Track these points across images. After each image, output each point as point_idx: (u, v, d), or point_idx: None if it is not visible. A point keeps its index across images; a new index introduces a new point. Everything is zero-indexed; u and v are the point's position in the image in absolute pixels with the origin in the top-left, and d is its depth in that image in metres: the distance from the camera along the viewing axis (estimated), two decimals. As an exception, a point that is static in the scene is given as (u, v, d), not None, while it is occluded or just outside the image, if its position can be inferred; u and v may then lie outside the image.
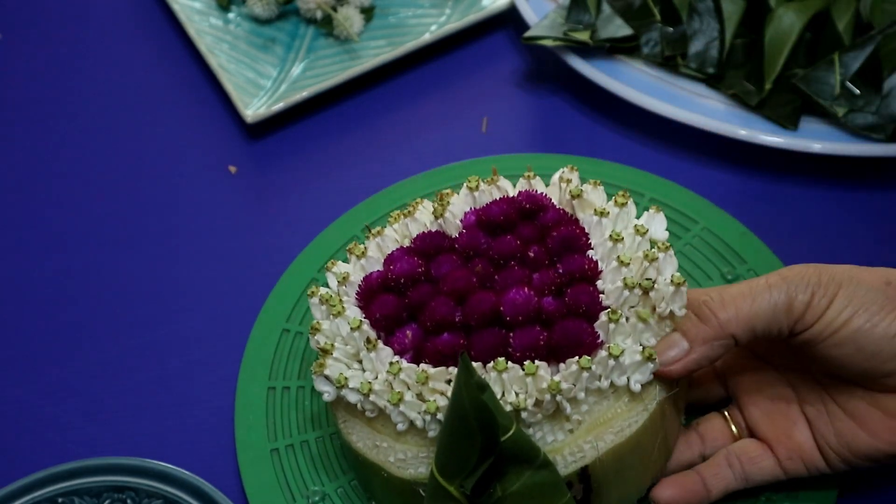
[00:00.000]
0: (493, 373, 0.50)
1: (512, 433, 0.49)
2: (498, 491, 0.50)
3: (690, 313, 0.52)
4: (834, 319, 0.50)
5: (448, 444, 0.50)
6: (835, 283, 0.50)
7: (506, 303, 0.52)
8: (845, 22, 0.75)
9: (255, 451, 0.61)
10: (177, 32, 0.89)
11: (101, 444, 0.65)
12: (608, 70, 0.78)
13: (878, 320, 0.49)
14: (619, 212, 0.56)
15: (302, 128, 0.82)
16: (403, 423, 0.52)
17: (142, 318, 0.71)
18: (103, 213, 0.77)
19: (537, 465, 0.50)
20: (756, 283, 0.51)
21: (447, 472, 0.50)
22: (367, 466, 0.54)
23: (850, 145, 0.72)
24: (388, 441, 0.53)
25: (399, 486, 0.53)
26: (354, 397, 0.53)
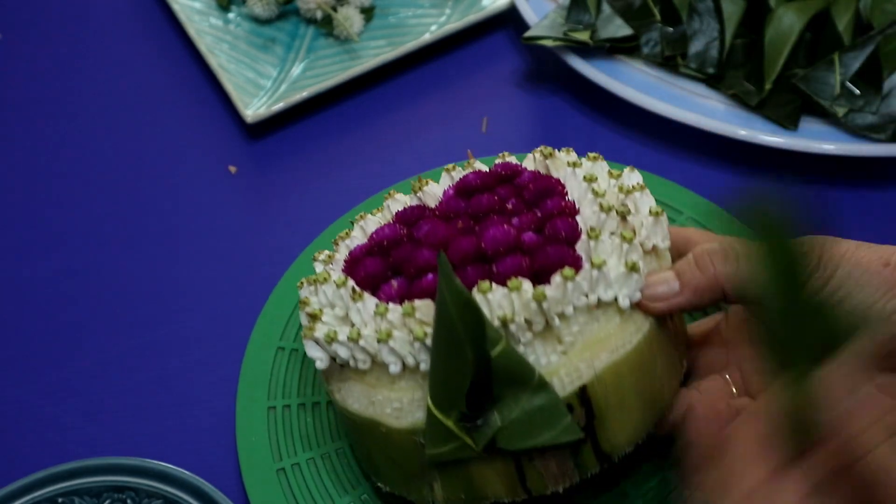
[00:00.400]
0: (478, 296, 0.50)
1: (502, 347, 0.49)
2: (497, 420, 0.50)
3: (690, 258, 0.53)
4: (831, 297, 0.50)
5: (439, 364, 0.49)
6: (833, 263, 0.50)
7: (486, 239, 0.53)
8: (845, 22, 0.75)
9: (262, 473, 0.60)
10: (177, 32, 0.89)
11: (101, 444, 0.65)
12: (608, 70, 0.78)
13: (874, 301, 0.50)
14: (593, 165, 0.57)
15: (302, 128, 0.82)
16: (396, 362, 0.51)
17: (142, 318, 0.71)
18: (103, 212, 0.77)
19: (534, 388, 0.49)
20: None
21: (443, 401, 0.49)
22: (364, 430, 0.54)
23: (850, 145, 0.72)
24: (382, 393, 0.52)
25: (399, 445, 0.52)
26: (344, 351, 0.53)
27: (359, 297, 0.53)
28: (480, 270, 0.52)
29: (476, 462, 0.51)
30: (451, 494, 0.53)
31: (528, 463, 0.51)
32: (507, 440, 0.50)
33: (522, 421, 0.50)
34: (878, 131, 0.72)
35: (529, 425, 0.50)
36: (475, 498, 0.52)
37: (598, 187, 0.54)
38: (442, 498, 0.53)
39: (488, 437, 0.50)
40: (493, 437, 0.50)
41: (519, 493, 0.52)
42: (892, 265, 0.50)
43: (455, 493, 0.52)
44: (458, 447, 0.50)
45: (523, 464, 0.51)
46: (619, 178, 0.56)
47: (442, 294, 0.48)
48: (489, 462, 0.51)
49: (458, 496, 0.52)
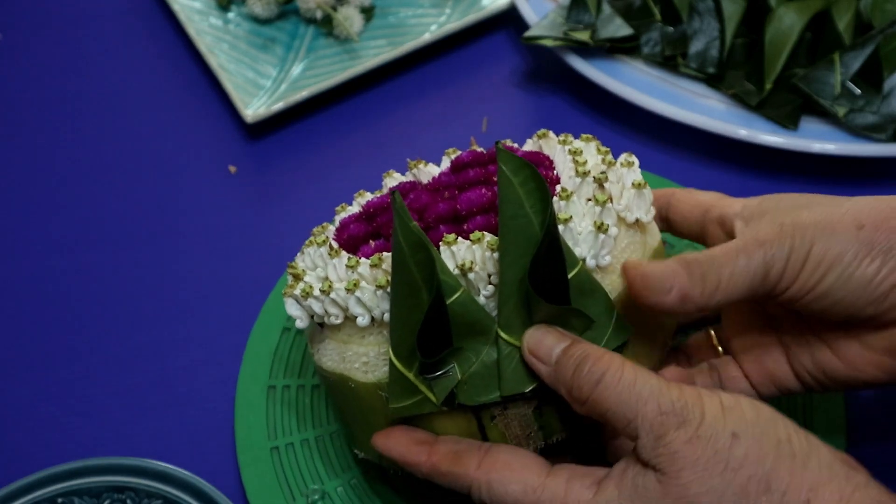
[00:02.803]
0: (443, 248, 0.50)
1: (459, 294, 0.49)
2: (457, 373, 0.49)
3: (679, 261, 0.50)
4: (808, 279, 0.49)
5: (397, 311, 0.49)
6: (808, 241, 0.49)
7: (461, 200, 0.53)
8: (845, 22, 0.75)
9: (255, 449, 0.61)
10: (177, 32, 0.89)
11: (101, 444, 0.65)
12: (608, 70, 0.78)
13: (853, 269, 0.49)
14: (585, 145, 0.57)
15: (302, 128, 0.82)
16: (363, 315, 0.52)
17: (142, 318, 0.71)
18: (103, 212, 0.77)
19: (493, 340, 0.49)
20: (732, 247, 0.50)
21: (404, 352, 0.49)
22: (337, 388, 0.54)
23: (850, 145, 0.72)
24: (353, 349, 0.53)
25: (367, 401, 0.52)
26: (318, 305, 0.53)
27: (335, 253, 0.53)
28: (453, 229, 0.52)
29: (438, 419, 0.51)
30: None
31: (490, 422, 0.51)
32: (466, 395, 0.49)
33: (482, 374, 0.49)
34: (878, 131, 0.72)
35: (488, 379, 0.49)
36: None
37: (581, 158, 0.54)
38: None
39: (447, 390, 0.49)
40: (452, 391, 0.49)
41: None
42: (867, 227, 0.49)
43: None
44: (419, 401, 0.50)
45: (485, 423, 0.51)
46: (608, 153, 0.55)
47: (396, 236, 0.48)
48: (451, 419, 0.51)
49: None
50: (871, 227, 0.49)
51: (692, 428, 0.44)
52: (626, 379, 0.46)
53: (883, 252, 0.49)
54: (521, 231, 0.48)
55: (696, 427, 0.44)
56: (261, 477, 0.60)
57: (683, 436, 0.44)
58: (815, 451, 0.45)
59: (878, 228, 0.49)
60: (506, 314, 0.49)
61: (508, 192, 0.49)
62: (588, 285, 0.50)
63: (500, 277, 0.49)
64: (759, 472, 0.44)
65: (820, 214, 0.50)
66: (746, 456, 0.44)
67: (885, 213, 0.49)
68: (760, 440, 0.44)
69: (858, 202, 0.51)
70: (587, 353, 0.47)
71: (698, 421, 0.44)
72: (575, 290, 0.49)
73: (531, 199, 0.48)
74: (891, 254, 0.49)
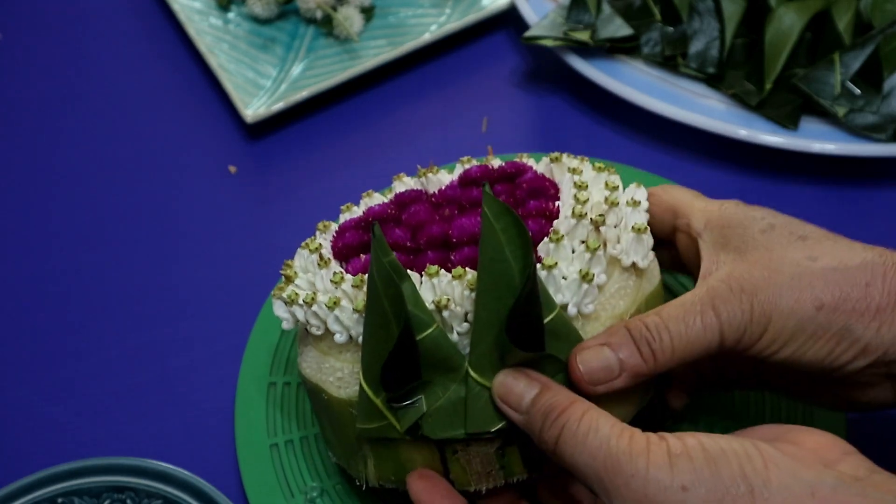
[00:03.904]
0: (425, 280, 0.50)
1: (432, 331, 0.49)
2: (423, 405, 0.49)
3: (629, 337, 0.49)
4: (764, 349, 0.49)
5: (369, 339, 0.49)
6: (765, 317, 0.49)
7: (454, 227, 0.53)
8: (845, 22, 0.75)
9: (255, 446, 0.61)
10: (177, 32, 0.89)
11: (101, 444, 0.65)
12: (608, 70, 0.78)
13: (807, 349, 0.49)
14: (596, 175, 0.56)
15: (302, 128, 0.82)
16: (341, 332, 0.52)
17: (141, 318, 0.71)
18: (103, 212, 0.77)
19: (461, 378, 0.49)
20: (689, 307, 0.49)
21: (372, 379, 0.49)
22: (313, 395, 0.55)
23: (850, 145, 0.72)
24: (330, 361, 0.53)
25: (339, 415, 0.53)
26: (301, 314, 0.53)
27: (325, 264, 0.53)
28: (441, 256, 0.52)
29: (403, 444, 0.51)
30: (382, 474, 0.52)
31: (452, 456, 0.51)
32: (430, 428, 0.50)
33: (447, 410, 0.49)
34: (878, 131, 0.72)
35: (454, 415, 0.49)
36: (403, 482, 0.52)
37: (582, 195, 0.53)
38: (374, 476, 0.53)
39: (412, 421, 0.49)
40: (417, 423, 0.50)
41: None
42: (825, 307, 0.49)
43: (385, 474, 0.52)
44: (385, 426, 0.50)
45: (447, 456, 0.51)
46: (616, 191, 0.55)
47: (371, 268, 0.48)
48: (415, 446, 0.51)
49: (388, 477, 0.52)
50: (829, 307, 0.49)
51: (638, 484, 0.43)
52: (581, 432, 0.45)
53: (838, 334, 0.49)
54: (500, 275, 0.48)
55: (643, 484, 0.43)
56: (260, 474, 0.60)
57: (632, 495, 0.43)
58: (774, 471, 0.43)
59: (837, 309, 0.48)
60: (477, 354, 0.49)
61: (490, 235, 0.48)
62: (563, 329, 0.49)
63: (475, 317, 0.49)
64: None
65: (783, 280, 0.49)
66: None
67: (845, 292, 0.49)
68: (710, 485, 0.42)
69: (822, 266, 0.49)
70: (553, 404, 0.47)
71: (643, 476, 0.43)
72: (550, 335, 0.49)
73: (512, 246, 0.48)
74: (846, 335, 0.49)
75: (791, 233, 0.51)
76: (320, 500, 0.59)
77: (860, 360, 0.49)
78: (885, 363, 0.49)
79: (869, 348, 0.49)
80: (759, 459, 0.43)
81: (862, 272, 0.49)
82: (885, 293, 0.48)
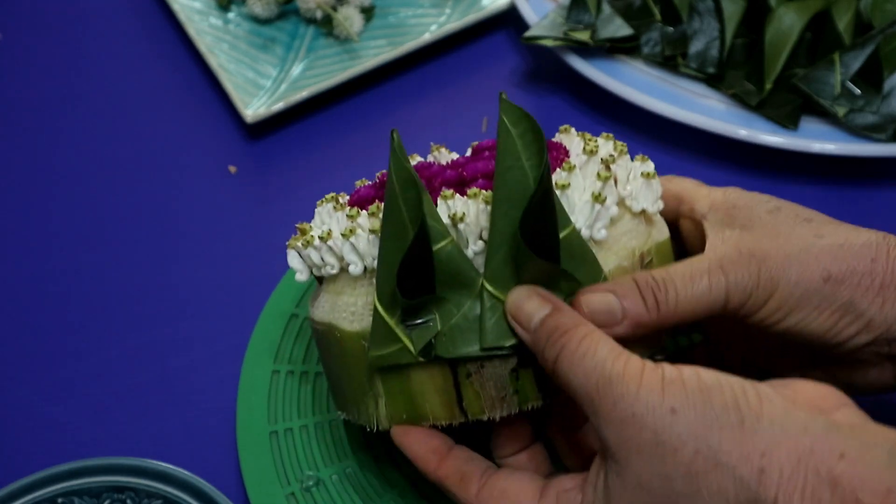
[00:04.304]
0: (440, 203, 0.50)
1: (447, 243, 0.49)
2: (437, 323, 0.49)
3: (635, 287, 0.50)
4: (768, 316, 0.50)
5: (385, 254, 0.49)
6: (772, 283, 0.49)
7: (468, 168, 0.54)
8: (845, 22, 0.75)
9: (254, 432, 0.62)
10: (177, 32, 0.89)
11: (101, 444, 0.65)
12: (608, 70, 0.78)
13: (811, 320, 0.49)
14: (604, 142, 0.56)
15: (302, 128, 0.82)
16: (356, 263, 0.52)
17: (142, 318, 0.71)
18: (103, 212, 0.77)
19: (476, 295, 0.49)
20: (698, 267, 0.50)
21: (388, 298, 0.49)
22: (324, 340, 0.54)
23: (850, 145, 0.72)
24: (344, 298, 0.53)
25: (351, 351, 0.52)
26: (316, 255, 0.54)
27: (341, 207, 0.54)
28: (456, 191, 0.52)
29: (416, 372, 0.50)
30: (394, 412, 0.52)
31: (466, 380, 0.50)
32: (444, 347, 0.49)
33: (462, 328, 0.49)
34: (878, 131, 0.72)
35: (468, 333, 0.49)
36: (416, 417, 0.51)
37: (592, 144, 0.53)
38: (386, 416, 0.52)
39: (425, 340, 0.49)
40: (430, 342, 0.49)
41: (456, 414, 0.51)
42: (833, 279, 0.49)
43: (397, 411, 0.52)
44: (398, 350, 0.50)
45: (460, 380, 0.50)
46: (624, 150, 0.55)
47: (390, 174, 0.49)
48: (428, 372, 0.50)
49: (399, 415, 0.52)
50: (836, 279, 0.49)
51: (627, 404, 0.43)
52: (579, 352, 0.45)
53: (842, 308, 0.49)
54: (516, 183, 0.48)
55: (632, 403, 0.43)
56: (257, 460, 0.61)
57: (619, 414, 0.43)
58: (768, 407, 0.42)
59: (843, 282, 0.49)
60: (493, 266, 0.49)
61: (507, 142, 0.49)
62: (579, 249, 0.49)
63: (491, 228, 0.49)
64: (704, 447, 0.41)
65: (792, 250, 0.50)
66: (688, 431, 0.42)
67: (851, 266, 0.49)
68: (701, 411, 0.42)
69: (830, 243, 0.50)
70: (558, 324, 0.47)
71: (633, 396, 0.43)
72: (565, 252, 0.49)
73: (528, 152, 0.48)
74: (850, 309, 0.49)
75: (797, 215, 0.52)
76: (315, 489, 0.59)
77: (862, 335, 0.49)
78: (886, 341, 0.50)
79: (872, 324, 0.49)
80: (753, 395, 0.42)
81: (867, 249, 0.50)
82: (890, 271, 0.49)
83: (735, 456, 0.41)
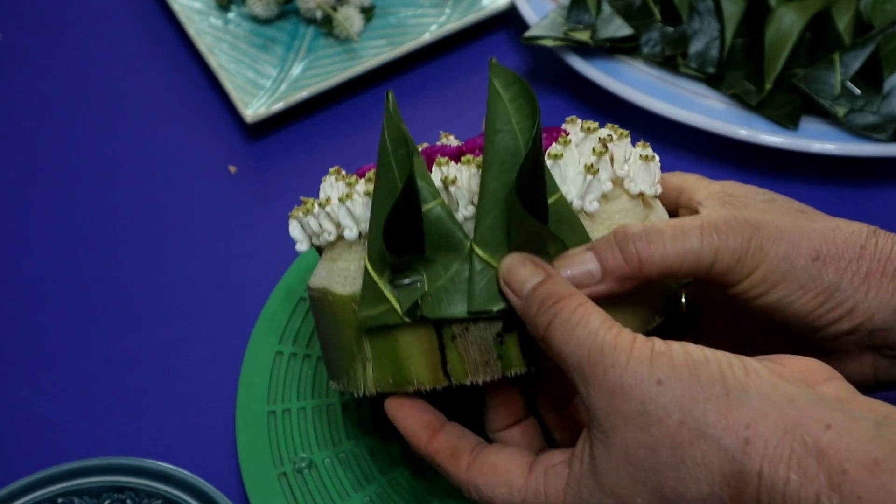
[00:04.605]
0: (435, 169, 0.51)
1: (437, 204, 0.49)
2: (424, 284, 0.50)
3: (612, 239, 0.49)
4: (753, 287, 0.49)
5: (376, 212, 0.50)
6: (761, 253, 0.49)
7: (468, 143, 0.55)
8: (845, 22, 0.75)
9: (253, 411, 0.63)
10: (177, 32, 0.89)
11: (101, 444, 0.65)
12: (608, 70, 0.78)
13: (795, 298, 0.49)
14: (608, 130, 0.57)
15: (302, 128, 0.82)
16: (352, 227, 0.53)
17: (142, 318, 0.71)
18: (103, 212, 0.77)
19: (463, 258, 0.50)
20: (689, 225, 0.49)
21: (375, 253, 0.50)
22: (317, 306, 0.55)
23: (850, 145, 0.72)
24: (339, 263, 0.54)
25: (342, 315, 0.53)
26: (314, 223, 0.54)
27: (342, 178, 0.55)
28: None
29: (402, 334, 0.51)
30: (381, 377, 0.52)
31: (451, 342, 0.50)
32: (430, 308, 0.50)
33: (448, 290, 0.49)
34: (878, 131, 0.72)
35: (454, 294, 0.50)
36: (401, 381, 0.52)
37: (593, 125, 0.54)
38: (373, 381, 0.52)
39: (412, 300, 0.50)
40: (417, 302, 0.50)
41: (440, 378, 0.51)
42: (822, 259, 0.49)
43: (384, 375, 0.52)
44: (386, 311, 0.50)
45: (445, 342, 0.50)
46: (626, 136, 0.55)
47: (383, 133, 0.49)
48: (414, 334, 0.50)
49: (386, 380, 0.52)
50: (824, 260, 0.49)
51: (616, 374, 0.43)
52: (572, 321, 0.45)
53: (827, 290, 0.49)
54: (506, 146, 0.49)
55: (620, 374, 0.43)
56: (253, 438, 0.61)
57: (608, 384, 0.43)
58: (755, 379, 0.42)
59: (831, 265, 0.49)
60: (483, 229, 0.49)
61: (497, 106, 0.49)
62: (567, 216, 0.50)
63: (481, 191, 0.49)
64: (689, 418, 0.42)
65: (784, 226, 0.50)
66: (674, 402, 0.42)
67: (840, 249, 0.49)
68: (687, 383, 0.42)
69: (822, 226, 0.50)
70: (551, 292, 0.47)
71: (622, 367, 0.43)
72: (553, 219, 0.49)
73: (519, 115, 0.49)
74: (835, 293, 0.49)
75: (791, 206, 0.53)
76: (307, 471, 0.60)
77: (844, 322, 0.49)
78: (868, 331, 0.50)
79: (855, 311, 0.49)
80: (740, 367, 0.43)
81: (857, 236, 0.50)
82: (877, 259, 0.49)
83: (720, 427, 0.41)
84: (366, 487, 0.60)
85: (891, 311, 0.49)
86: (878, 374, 0.51)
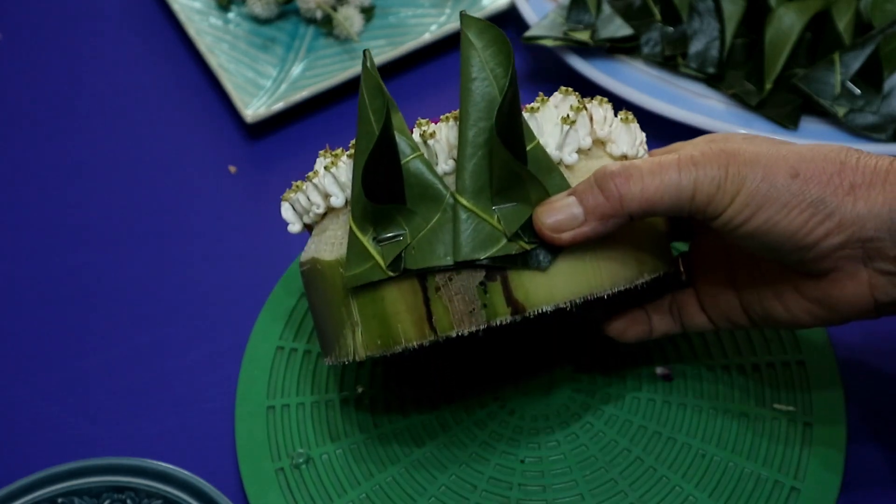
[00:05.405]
0: (416, 130, 0.52)
1: (415, 156, 0.50)
2: (407, 237, 0.51)
3: (591, 181, 0.50)
4: (736, 214, 0.50)
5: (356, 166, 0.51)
6: (740, 178, 0.49)
7: None
8: (845, 22, 0.75)
9: (252, 405, 0.63)
10: (177, 32, 0.89)
11: (101, 444, 0.65)
12: (608, 70, 0.78)
13: (780, 218, 0.49)
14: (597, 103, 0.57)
15: (302, 128, 0.82)
16: (338, 195, 0.54)
17: (142, 318, 0.71)
18: (103, 212, 0.77)
19: (444, 209, 0.50)
20: (667, 160, 0.50)
21: (358, 210, 0.51)
22: (308, 278, 0.56)
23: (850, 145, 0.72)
24: (328, 233, 0.54)
25: (330, 281, 0.54)
26: (304, 199, 0.55)
27: (332, 155, 0.56)
28: None
29: (388, 291, 0.51)
30: (369, 338, 0.53)
31: (435, 294, 0.51)
32: (413, 259, 0.50)
33: (430, 241, 0.50)
34: (878, 131, 0.72)
35: (437, 245, 0.50)
36: (389, 340, 0.52)
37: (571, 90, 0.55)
38: (362, 344, 0.53)
39: (395, 253, 0.51)
40: (400, 255, 0.51)
41: (427, 332, 0.51)
42: (801, 176, 0.49)
43: (372, 336, 0.53)
44: (370, 268, 0.51)
45: (430, 295, 0.51)
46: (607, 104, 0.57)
47: (361, 88, 0.50)
48: (399, 290, 0.51)
49: (374, 340, 0.53)
50: (804, 176, 0.49)
51: None
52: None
53: (812, 205, 0.49)
54: (483, 93, 0.50)
55: None
56: (252, 432, 0.62)
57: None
58: None
59: (811, 180, 0.49)
60: (464, 177, 0.50)
61: (470, 55, 0.50)
62: (545, 163, 0.51)
63: (460, 139, 0.50)
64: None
65: (760, 151, 0.50)
66: None
67: (820, 165, 0.50)
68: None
69: (799, 149, 0.51)
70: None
71: None
72: (532, 165, 0.50)
73: (494, 61, 0.50)
74: (820, 207, 0.49)
75: (769, 138, 0.53)
76: (305, 466, 0.61)
77: (833, 236, 0.49)
78: (860, 241, 0.49)
79: (843, 222, 0.49)
80: None
81: (836, 153, 0.51)
82: (861, 172, 0.50)
83: None
84: (362, 484, 0.60)
85: (882, 220, 0.49)
86: (876, 294, 0.51)
